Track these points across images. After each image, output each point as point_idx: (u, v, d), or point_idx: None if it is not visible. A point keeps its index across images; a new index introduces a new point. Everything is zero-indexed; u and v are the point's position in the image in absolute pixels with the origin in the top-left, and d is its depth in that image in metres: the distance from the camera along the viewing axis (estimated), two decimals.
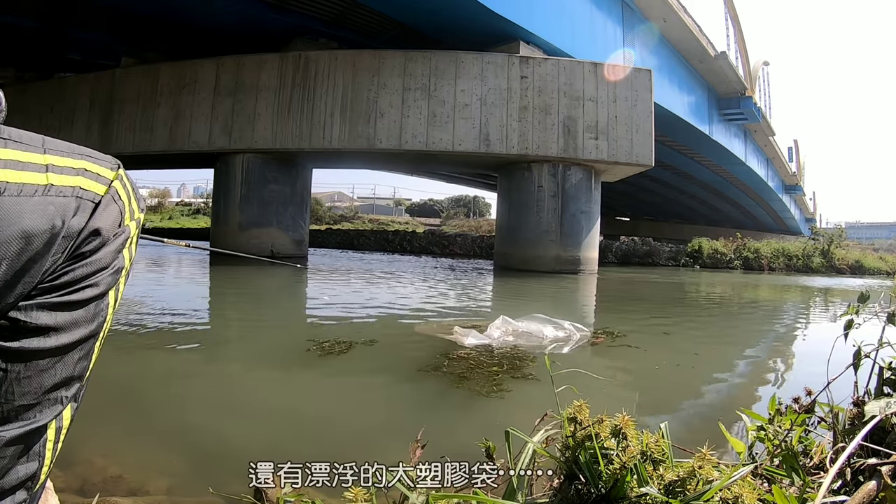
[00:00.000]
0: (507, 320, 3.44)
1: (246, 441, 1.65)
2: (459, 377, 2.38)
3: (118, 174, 0.46)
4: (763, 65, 24.94)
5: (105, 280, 0.44)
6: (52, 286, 0.41)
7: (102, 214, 0.44)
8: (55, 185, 0.41)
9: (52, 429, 0.44)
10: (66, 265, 0.42)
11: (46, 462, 0.45)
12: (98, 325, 0.45)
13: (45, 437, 0.44)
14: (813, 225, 41.53)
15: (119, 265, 0.46)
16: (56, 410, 0.44)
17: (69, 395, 0.45)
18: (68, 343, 0.43)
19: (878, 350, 1.05)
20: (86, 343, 0.44)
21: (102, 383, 2.20)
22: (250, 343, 3.34)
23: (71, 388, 0.45)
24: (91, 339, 0.45)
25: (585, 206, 11.53)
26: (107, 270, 0.44)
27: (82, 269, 0.43)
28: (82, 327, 0.43)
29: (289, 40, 12.18)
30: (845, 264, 19.30)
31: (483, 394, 2.14)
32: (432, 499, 0.77)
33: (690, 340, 4.04)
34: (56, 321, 0.41)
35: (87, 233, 0.43)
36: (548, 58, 11.30)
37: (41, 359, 0.42)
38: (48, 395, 0.43)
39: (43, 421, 0.43)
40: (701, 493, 0.71)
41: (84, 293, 0.43)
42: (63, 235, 0.41)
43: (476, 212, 46.33)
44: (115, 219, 0.45)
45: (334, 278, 8.27)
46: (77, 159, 0.44)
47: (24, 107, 14.56)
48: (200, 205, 40.22)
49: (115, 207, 0.45)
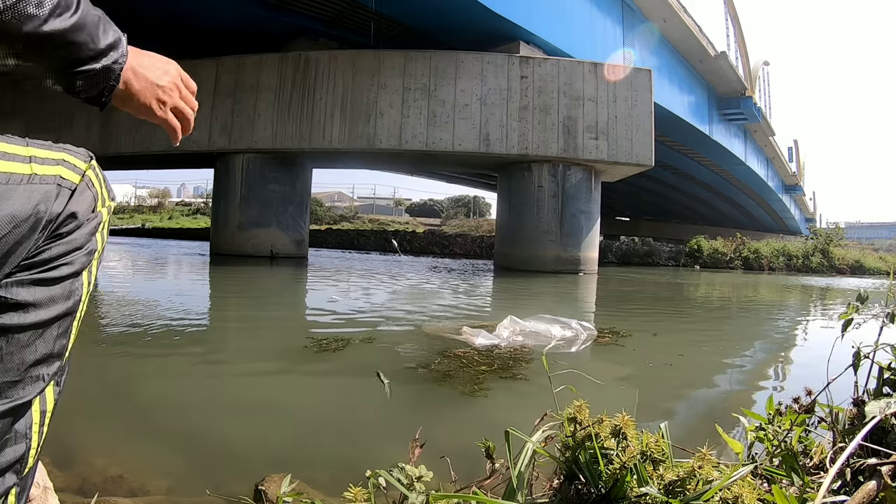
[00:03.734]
0: (514, 320, 3.44)
1: (240, 438, 1.66)
2: (445, 375, 2.39)
3: (91, 165, 0.51)
4: (763, 65, 24.95)
5: (79, 259, 0.48)
6: (31, 263, 0.45)
7: (79, 200, 0.48)
8: (38, 174, 0.45)
9: (36, 411, 0.47)
10: (45, 244, 0.45)
11: (34, 445, 0.47)
12: (74, 304, 0.48)
13: (31, 419, 0.46)
14: (812, 225, 41.52)
15: (92, 247, 0.49)
16: (38, 387, 0.46)
17: (50, 372, 0.47)
18: (47, 319, 0.45)
19: (878, 350, 1.06)
20: (63, 320, 0.47)
21: (102, 382, 2.21)
22: (250, 341, 3.34)
23: (52, 365, 0.47)
24: (68, 316, 0.48)
25: (585, 206, 11.54)
26: (81, 251, 0.48)
27: (59, 248, 0.46)
28: (59, 304, 0.46)
29: (289, 40, 12.19)
30: (845, 264, 19.31)
31: (466, 392, 2.15)
32: (432, 499, 0.77)
33: (691, 340, 4.04)
34: (35, 297, 0.44)
35: (66, 216, 0.46)
36: (548, 58, 11.31)
37: (22, 333, 0.44)
38: (30, 371, 0.45)
39: (27, 397, 0.45)
40: (701, 492, 0.71)
41: (60, 270, 0.46)
42: (46, 219, 0.45)
43: (476, 212, 46.35)
44: (90, 204, 0.49)
45: (335, 278, 8.28)
46: (56, 151, 0.49)
47: (25, 107, 14.59)
48: (200, 205, 40.27)
49: (89, 194, 0.50)
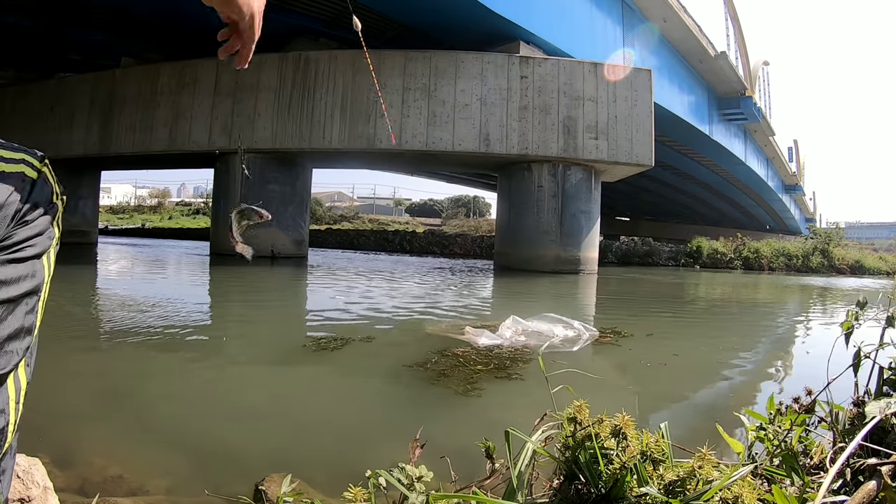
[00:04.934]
0: (517, 320, 3.45)
1: (240, 438, 1.66)
2: (440, 374, 2.39)
3: (45, 163, 0.59)
4: (763, 65, 24.93)
5: (41, 242, 0.56)
6: (3, 246, 0.52)
7: (39, 192, 0.56)
8: (5, 171, 0.54)
9: (11, 387, 0.53)
10: (13, 229, 0.53)
11: (11, 420, 0.53)
12: (38, 283, 0.56)
13: (7, 395, 0.53)
14: (812, 225, 41.52)
15: (51, 233, 0.58)
16: (13, 360, 0.52)
17: (22, 347, 0.54)
18: (17, 295, 0.53)
19: (878, 350, 1.05)
20: (30, 298, 0.55)
21: (102, 382, 2.21)
22: (250, 341, 3.34)
23: (23, 340, 0.54)
24: (34, 294, 0.55)
25: (585, 206, 11.53)
26: (43, 235, 0.56)
27: (25, 232, 0.54)
28: (26, 281, 0.54)
29: (289, 40, 12.18)
30: (845, 264, 19.31)
31: (459, 392, 2.15)
32: (432, 499, 0.77)
33: (691, 339, 4.04)
34: (6, 275, 0.52)
35: (30, 205, 0.55)
36: (548, 58, 11.30)
37: None
38: (4, 346, 0.51)
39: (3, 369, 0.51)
40: (701, 492, 0.71)
41: (26, 251, 0.54)
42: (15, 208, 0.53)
43: (476, 212, 46.33)
44: (48, 196, 0.58)
45: (336, 278, 8.28)
46: (17, 152, 0.56)
47: (25, 107, 14.59)
48: (200, 205, 40.24)
49: (47, 187, 0.58)
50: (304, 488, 1.23)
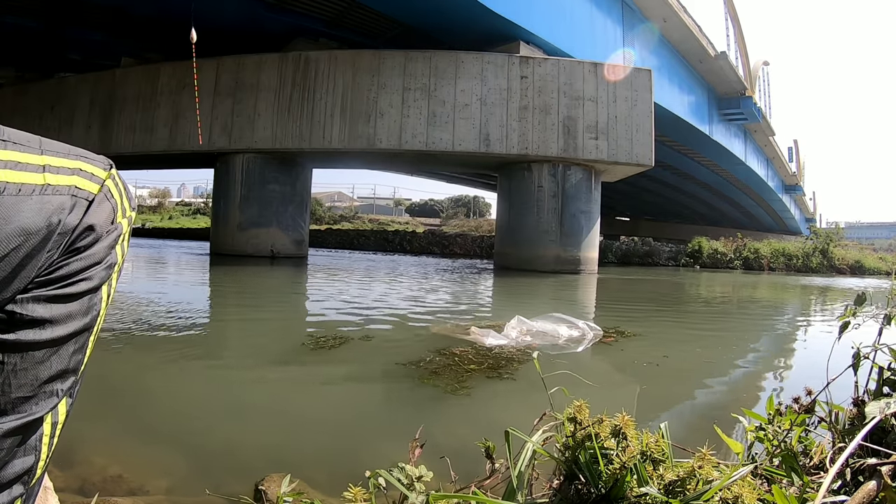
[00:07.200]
0: (522, 320, 3.45)
1: (239, 437, 1.66)
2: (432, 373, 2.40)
3: (111, 174, 0.48)
4: (763, 65, 24.93)
5: (98, 274, 0.46)
6: (47, 280, 0.43)
7: (96, 211, 0.46)
8: (52, 184, 0.43)
9: (48, 423, 0.45)
10: (61, 260, 0.43)
11: (43, 456, 0.46)
12: (92, 319, 0.46)
13: (42, 431, 0.45)
14: (812, 225, 41.51)
15: (112, 260, 0.48)
16: (52, 403, 0.45)
17: (64, 388, 0.46)
18: (63, 335, 0.44)
19: (877, 350, 1.05)
20: (80, 336, 0.46)
21: (102, 382, 2.21)
22: (250, 340, 3.34)
23: (66, 381, 0.46)
24: (85, 332, 0.46)
25: (585, 206, 11.54)
26: (100, 265, 0.46)
27: (77, 264, 0.44)
28: (77, 320, 0.45)
29: (289, 40, 12.18)
30: (845, 264, 19.32)
31: (448, 391, 2.16)
32: (432, 499, 0.77)
33: (691, 339, 4.04)
34: (51, 313, 0.43)
35: (82, 229, 0.44)
36: (548, 58, 11.31)
37: (37, 350, 0.43)
38: (44, 387, 0.44)
39: (39, 413, 0.44)
40: (701, 492, 0.71)
41: (78, 286, 0.44)
42: (59, 232, 0.43)
43: (476, 212, 46.34)
44: (109, 216, 0.47)
45: (336, 277, 8.28)
46: (73, 160, 0.46)
47: (25, 107, 14.59)
48: (200, 205, 40.26)
49: (108, 205, 0.47)
50: (303, 488, 1.23)
